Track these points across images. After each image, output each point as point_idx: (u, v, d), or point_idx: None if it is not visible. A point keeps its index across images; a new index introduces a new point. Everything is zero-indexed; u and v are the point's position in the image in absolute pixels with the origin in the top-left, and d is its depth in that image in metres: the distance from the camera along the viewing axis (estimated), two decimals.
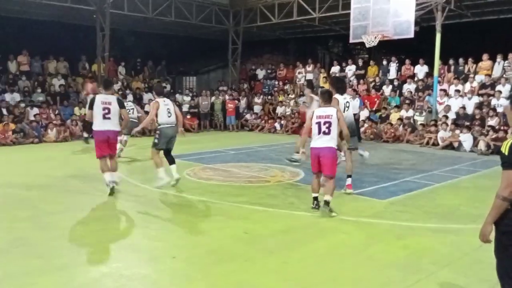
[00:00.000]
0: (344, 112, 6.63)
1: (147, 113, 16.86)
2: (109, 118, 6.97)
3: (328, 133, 5.92)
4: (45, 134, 14.05)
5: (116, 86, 18.13)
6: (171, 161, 7.65)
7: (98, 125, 6.98)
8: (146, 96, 18.27)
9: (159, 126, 7.35)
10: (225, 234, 5.26)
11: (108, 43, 16.03)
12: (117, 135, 7.29)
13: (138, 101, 17.96)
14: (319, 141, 5.97)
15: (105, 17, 15.74)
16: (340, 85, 7.28)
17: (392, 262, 4.42)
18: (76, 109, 15.95)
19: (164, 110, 7.33)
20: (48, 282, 3.90)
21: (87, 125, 12.14)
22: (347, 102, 7.09)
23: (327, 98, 6.18)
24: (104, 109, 6.96)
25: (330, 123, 5.92)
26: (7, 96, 15.21)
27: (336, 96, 6.74)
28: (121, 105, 7.16)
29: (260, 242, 4.99)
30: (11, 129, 13.41)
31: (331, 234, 5.29)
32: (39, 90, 16.25)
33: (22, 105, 14.98)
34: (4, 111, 14.21)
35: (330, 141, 5.93)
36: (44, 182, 8.03)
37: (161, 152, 7.55)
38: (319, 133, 5.96)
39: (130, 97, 17.72)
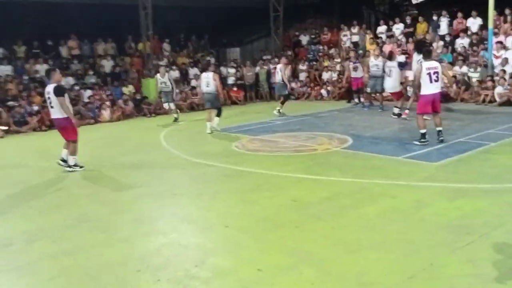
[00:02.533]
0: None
1: (194, 87, 17.20)
2: (52, 107, 7.48)
3: (437, 80, 7.60)
4: (100, 114, 14.69)
5: (162, 63, 18.56)
6: (217, 114, 11.02)
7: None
8: (192, 71, 18.53)
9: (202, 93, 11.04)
10: (274, 202, 5.39)
11: (151, 21, 16.30)
12: (63, 122, 7.49)
13: (184, 76, 18.33)
14: (432, 88, 7.59)
15: None
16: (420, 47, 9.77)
17: (443, 224, 4.38)
18: (124, 88, 16.48)
19: (203, 82, 10.79)
20: (113, 253, 4.22)
21: None
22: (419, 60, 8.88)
23: (428, 55, 7.91)
24: (48, 98, 7.50)
25: (437, 73, 7.60)
26: (62, 81, 15.94)
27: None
28: (57, 93, 7.34)
29: (309, 209, 5.08)
30: None
31: (380, 199, 5.29)
32: (91, 72, 16.91)
33: (76, 87, 15.70)
34: None
35: (439, 87, 7.80)
36: (102, 160, 8.49)
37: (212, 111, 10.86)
38: (431, 81, 7.54)
39: (176, 73, 18.14)
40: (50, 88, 7.44)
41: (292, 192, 5.77)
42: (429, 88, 7.60)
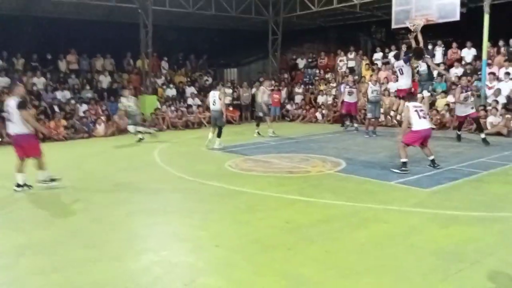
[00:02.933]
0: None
1: (190, 106, 17.29)
2: (12, 122, 7.00)
3: (425, 117, 7.96)
4: (94, 129, 14.70)
5: (160, 81, 18.70)
6: (217, 135, 11.39)
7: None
8: (189, 90, 18.68)
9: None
10: (267, 224, 5.38)
11: (151, 39, 16.49)
12: (24, 138, 7.03)
13: (181, 94, 18.45)
14: (424, 123, 7.84)
15: (148, 14, 16.18)
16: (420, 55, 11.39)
17: (435, 251, 4.39)
18: (120, 104, 16.49)
19: (211, 100, 11.48)
20: (103, 270, 4.17)
21: None
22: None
23: (411, 96, 8.87)
24: (7, 112, 7.11)
25: (423, 110, 8.03)
26: (59, 94, 16.01)
27: None
28: (20, 106, 6.92)
29: (302, 231, 5.08)
30: (63, 125, 14.14)
31: (373, 224, 5.29)
32: (87, 87, 16.99)
33: (72, 102, 15.74)
34: (56, 108, 14.98)
35: (429, 123, 8.30)
36: (95, 175, 8.46)
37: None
38: (419, 118, 7.80)
39: (173, 91, 18.26)
40: (11, 102, 7.02)
41: (285, 213, 5.77)
42: (420, 124, 7.79)
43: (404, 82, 11.81)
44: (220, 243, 4.77)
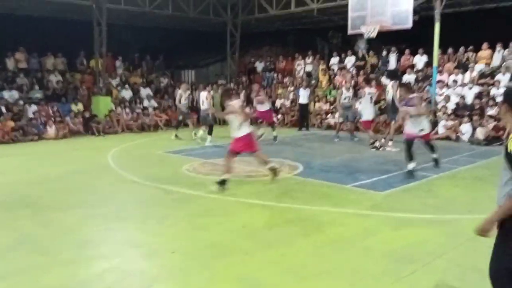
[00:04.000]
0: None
1: (145, 108, 16.95)
2: None
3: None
4: (45, 131, 14.09)
5: (115, 82, 18.21)
6: (208, 132, 12.14)
7: None
8: (144, 91, 18.29)
9: None
10: (224, 228, 5.32)
11: (106, 38, 16.02)
12: None
13: (136, 95, 18.03)
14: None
15: (102, 12, 15.70)
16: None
17: (389, 253, 4.48)
18: (73, 105, 15.96)
19: (200, 100, 12.42)
20: (52, 277, 3.97)
21: None
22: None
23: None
24: None
25: None
26: (6, 94, 15.20)
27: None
28: None
29: (259, 235, 5.05)
30: (10, 126, 13.46)
31: (329, 227, 5.35)
32: (37, 87, 16.26)
33: (21, 102, 15.01)
34: (3, 109, 14.23)
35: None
36: (45, 179, 8.09)
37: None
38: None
39: (129, 92, 17.84)
40: None
41: (242, 217, 5.73)
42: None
43: (372, 111, 11.94)
44: (175, 248, 4.66)
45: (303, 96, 15.78)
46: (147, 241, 4.98)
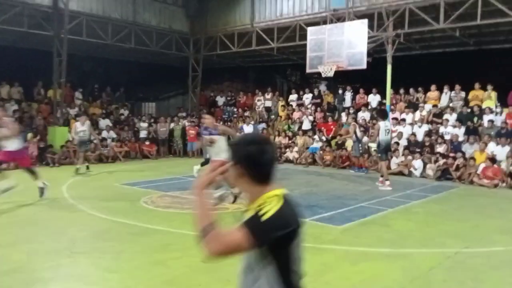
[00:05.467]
0: (385, 135, 10.65)
1: (104, 139, 16.59)
2: None
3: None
4: None
5: (73, 111, 17.83)
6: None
7: None
8: (103, 122, 17.98)
9: None
10: (183, 263, 5.23)
11: (65, 69, 15.76)
12: None
13: (95, 126, 17.68)
14: None
15: (63, 43, 15.51)
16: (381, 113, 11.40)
17: None
18: (30, 135, 15.44)
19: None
20: None
21: None
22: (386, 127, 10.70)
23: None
24: None
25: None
26: None
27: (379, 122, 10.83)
28: None
29: (218, 271, 4.97)
30: None
31: None
32: None
33: None
34: None
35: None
36: None
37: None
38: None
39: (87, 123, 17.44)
40: None
41: (201, 252, 5.64)
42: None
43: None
44: (132, 285, 4.54)
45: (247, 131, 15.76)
46: (101, 277, 4.82)
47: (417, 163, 13.17)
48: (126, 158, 16.55)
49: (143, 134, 18.07)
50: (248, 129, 15.89)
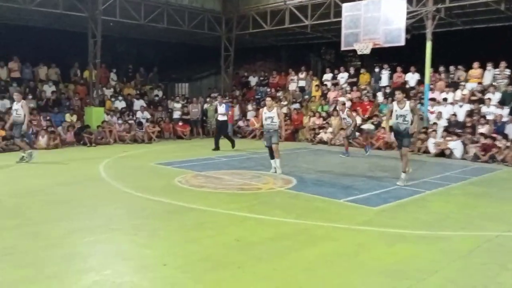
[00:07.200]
0: (395, 119, 8.60)
1: (140, 123, 16.84)
2: None
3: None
4: (36, 141, 13.96)
5: (108, 92, 18.19)
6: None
7: None
8: (138, 103, 18.25)
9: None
10: (216, 241, 5.26)
11: (100, 50, 16.00)
12: None
13: (129, 107, 17.99)
14: None
15: (97, 24, 15.72)
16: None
17: (382, 269, 4.44)
18: (67, 115, 15.89)
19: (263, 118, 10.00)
20: None
21: None
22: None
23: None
24: None
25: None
26: None
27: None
28: None
29: (251, 249, 4.99)
30: (1, 135, 13.31)
31: (322, 241, 5.31)
32: (30, 97, 16.15)
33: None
34: None
35: None
36: (34, 190, 7.98)
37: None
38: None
39: (122, 103, 17.81)
40: None
41: (235, 231, 5.67)
42: None
43: None
44: (167, 262, 4.59)
45: (220, 111, 14.04)
46: (138, 253, 4.90)
47: (455, 144, 12.71)
48: (160, 139, 16.80)
49: (176, 114, 18.25)
50: (221, 109, 14.02)
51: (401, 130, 8.51)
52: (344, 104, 13.98)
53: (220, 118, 14.04)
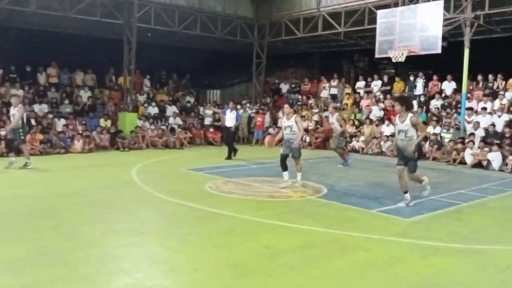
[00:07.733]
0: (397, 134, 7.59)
1: (172, 129, 17.08)
2: None
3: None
4: (72, 145, 14.37)
5: (142, 98, 18.55)
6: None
7: None
8: (170, 109, 18.53)
9: None
10: (246, 248, 5.24)
11: (135, 56, 16.37)
12: None
13: (162, 113, 18.29)
14: None
15: (132, 31, 16.09)
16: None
17: (417, 281, 4.32)
18: (102, 120, 16.30)
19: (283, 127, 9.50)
20: None
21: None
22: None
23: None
24: None
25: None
26: (36, 107, 15.66)
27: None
28: None
29: (281, 257, 4.95)
30: (39, 139, 13.77)
31: (353, 252, 5.21)
32: (66, 102, 16.68)
33: (50, 116, 15.40)
34: (33, 122, 14.61)
35: None
36: (69, 192, 8.19)
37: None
38: None
39: (155, 109, 18.13)
40: None
41: (264, 238, 5.64)
42: None
43: None
44: (198, 266, 4.60)
45: (229, 118, 13.44)
46: (169, 257, 4.94)
47: (494, 156, 12.27)
48: (191, 145, 16.98)
49: (207, 121, 18.42)
50: (230, 115, 13.47)
51: (402, 149, 7.33)
52: (335, 108, 13.41)
53: (228, 124, 13.41)
